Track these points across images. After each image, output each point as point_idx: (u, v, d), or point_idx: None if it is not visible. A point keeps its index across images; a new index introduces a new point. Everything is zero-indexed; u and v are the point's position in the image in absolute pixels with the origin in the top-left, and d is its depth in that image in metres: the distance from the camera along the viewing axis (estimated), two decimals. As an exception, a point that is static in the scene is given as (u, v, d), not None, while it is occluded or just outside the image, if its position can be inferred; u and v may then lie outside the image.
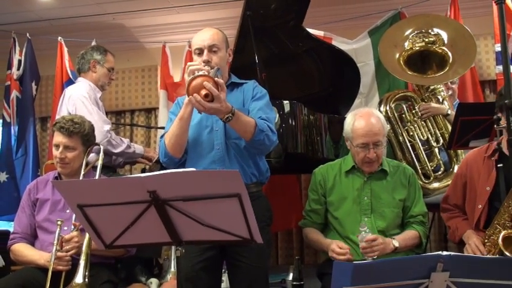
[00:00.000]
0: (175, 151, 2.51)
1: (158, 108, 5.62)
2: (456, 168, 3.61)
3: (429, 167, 3.71)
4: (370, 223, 2.68)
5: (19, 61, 5.33)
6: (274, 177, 2.93)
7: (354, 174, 2.82)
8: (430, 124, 3.79)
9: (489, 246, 2.48)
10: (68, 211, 2.76)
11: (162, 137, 2.58)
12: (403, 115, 3.82)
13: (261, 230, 1.93)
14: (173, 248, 3.74)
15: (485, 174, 2.63)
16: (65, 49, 5.31)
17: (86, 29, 5.72)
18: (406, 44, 3.91)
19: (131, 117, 6.01)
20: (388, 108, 3.80)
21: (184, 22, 5.72)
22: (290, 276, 4.08)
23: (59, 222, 2.64)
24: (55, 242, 2.59)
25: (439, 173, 3.72)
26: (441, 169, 3.73)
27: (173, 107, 2.71)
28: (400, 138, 3.77)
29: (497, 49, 4.52)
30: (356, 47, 5.02)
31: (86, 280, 2.48)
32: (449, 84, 4.01)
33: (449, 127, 3.63)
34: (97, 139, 3.14)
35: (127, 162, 3.88)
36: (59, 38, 5.33)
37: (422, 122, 3.78)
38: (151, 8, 5.50)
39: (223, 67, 2.59)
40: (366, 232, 2.58)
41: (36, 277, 2.63)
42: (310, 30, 4.13)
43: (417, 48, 3.88)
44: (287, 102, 3.44)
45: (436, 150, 3.75)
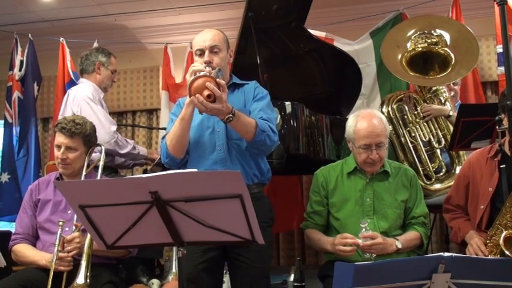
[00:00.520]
0: (176, 152, 2.52)
1: (160, 109, 5.63)
2: (458, 169, 3.62)
3: (431, 168, 3.71)
4: (372, 224, 2.68)
5: (21, 62, 5.32)
6: (275, 178, 2.93)
7: (356, 175, 2.81)
8: (432, 125, 3.79)
9: (491, 246, 2.48)
10: (70, 212, 2.76)
11: (164, 138, 2.58)
12: (405, 116, 3.82)
13: (263, 231, 1.93)
14: (175, 249, 3.74)
15: (487, 175, 2.63)
16: (67, 50, 5.31)
17: (88, 30, 5.73)
18: (409, 45, 3.91)
19: (133, 118, 6.01)
20: (390, 109, 3.81)
21: (186, 23, 5.72)
22: (291, 277, 4.06)
23: (61, 222, 2.64)
24: (57, 243, 2.59)
25: (441, 174, 3.72)
26: (443, 170, 3.73)
27: (174, 108, 2.72)
28: (402, 139, 3.77)
29: (499, 50, 4.52)
30: (358, 48, 5.02)
31: (88, 281, 2.48)
32: (451, 85, 4.01)
33: (451, 128, 3.62)
34: (104, 140, 3.14)
35: (136, 163, 3.89)
36: (61, 39, 5.33)
37: (424, 123, 3.78)
38: (153, 9, 5.50)
39: (224, 68, 2.59)
40: (367, 229, 2.59)
41: (37, 278, 2.62)
42: (311, 31, 4.12)
43: (419, 49, 3.88)
44: (289, 103, 3.44)
45: (438, 151, 3.75)
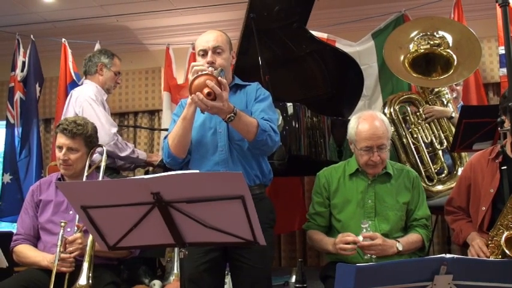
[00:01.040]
0: (178, 151, 2.52)
1: (162, 110, 5.63)
2: (460, 171, 3.61)
3: (433, 170, 3.70)
4: (373, 226, 2.67)
5: (23, 63, 5.33)
6: (277, 179, 2.93)
7: (358, 177, 2.80)
8: (434, 126, 3.78)
9: (492, 247, 2.49)
10: (71, 212, 2.75)
11: (166, 138, 2.59)
12: (407, 117, 3.82)
13: (264, 232, 1.93)
14: (176, 250, 3.74)
15: (489, 176, 2.63)
16: (69, 51, 5.32)
17: (90, 31, 5.74)
18: (411, 46, 3.91)
19: (134, 119, 6.01)
20: (392, 110, 3.80)
21: (187, 24, 5.72)
22: (293, 278, 4.07)
23: (63, 223, 2.63)
24: (58, 244, 2.58)
25: (443, 176, 3.71)
26: (445, 172, 3.72)
27: (176, 109, 2.72)
28: (404, 140, 3.77)
29: (501, 52, 4.52)
30: (359, 50, 5.02)
31: (90, 281, 2.47)
32: (453, 86, 4.00)
33: (453, 130, 3.61)
34: (104, 141, 3.14)
35: (138, 165, 3.89)
36: (63, 40, 5.35)
37: (426, 125, 3.78)
38: (154, 10, 5.51)
39: (226, 68, 2.60)
40: (367, 230, 2.59)
41: (39, 278, 2.62)
42: (313, 32, 4.13)
43: (422, 50, 3.88)
44: (290, 104, 3.44)
45: (440, 152, 3.75)
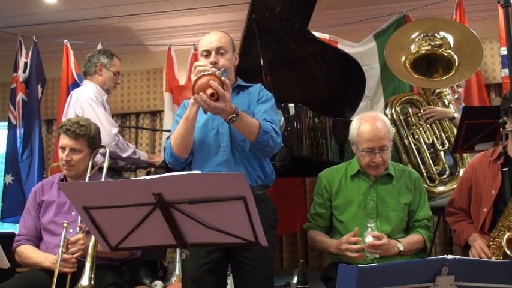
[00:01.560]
0: (181, 151, 2.52)
1: (163, 111, 5.62)
2: (461, 172, 3.60)
3: (434, 171, 3.70)
4: (375, 227, 2.66)
5: (25, 64, 5.33)
6: (279, 180, 2.93)
7: (360, 178, 2.81)
8: (436, 127, 3.78)
9: (493, 248, 2.48)
10: (74, 213, 2.76)
11: (168, 138, 2.59)
12: (409, 118, 3.82)
13: (266, 233, 1.93)
14: (178, 251, 3.75)
15: (490, 177, 2.63)
16: (71, 52, 5.32)
17: (92, 32, 5.75)
18: (413, 47, 3.90)
19: (136, 119, 6.00)
20: (394, 111, 3.80)
21: (189, 25, 5.72)
22: (295, 279, 4.06)
23: (65, 224, 2.64)
24: (61, 244, 2.59)
25: (445, 177, 3.71)
26: (446, 173, 3.72)
27: (179, 110, 2.72)
28: (406, 141, 3.76)
29: (502, 52, 4.51)
30: (361, 50, 5.02)
31: (92, 282, 2.48)
32: (455, 87, 4.00)
33: (455, 131, 3.61)
34: (105, 142, 3.14)
35: (139, 166, 3.89)
36: (65, 41, 5.35)
37: (427, 126, 3.78)
38: (156, 11, 5.51)
39: (229, 69, 2.60)
40: (372, 229, 2.59)
41: (41, 279, 2.62)
42: (315, 33, 4.13)
43: (423, 51, 3.88)
44: (292, 105, 3.44)
45: (442, 153, 3.74)
